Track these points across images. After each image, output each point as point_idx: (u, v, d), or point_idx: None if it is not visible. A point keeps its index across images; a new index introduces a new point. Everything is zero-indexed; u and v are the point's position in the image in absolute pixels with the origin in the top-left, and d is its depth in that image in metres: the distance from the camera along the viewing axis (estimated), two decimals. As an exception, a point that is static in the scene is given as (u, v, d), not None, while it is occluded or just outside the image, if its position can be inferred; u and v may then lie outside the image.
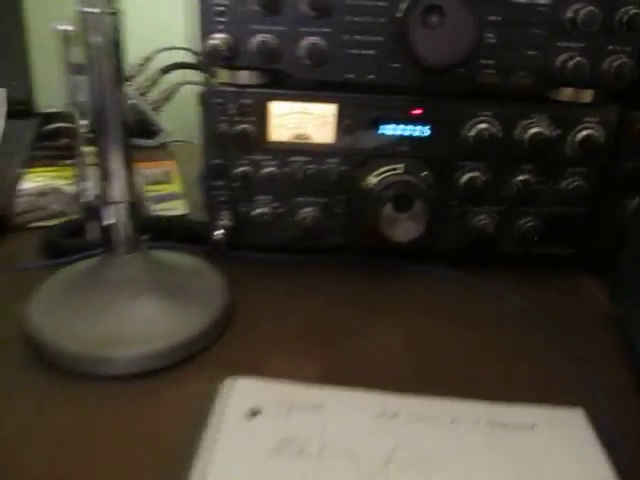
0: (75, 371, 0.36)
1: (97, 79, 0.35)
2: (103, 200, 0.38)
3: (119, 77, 0.36)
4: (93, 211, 0.39)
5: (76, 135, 0.38)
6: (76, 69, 0.35)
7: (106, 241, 0.40)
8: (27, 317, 0.39)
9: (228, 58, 0.44)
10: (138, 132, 0.80)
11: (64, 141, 0.74)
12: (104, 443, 0.32)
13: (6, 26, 0.79)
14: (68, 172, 0.69)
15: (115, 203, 0.38)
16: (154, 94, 0.82)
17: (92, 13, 0.33)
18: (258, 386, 0.35)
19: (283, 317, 0.45)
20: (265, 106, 0.46)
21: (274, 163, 0.48)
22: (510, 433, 0.32)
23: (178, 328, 0.38)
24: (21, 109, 0.74)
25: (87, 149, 0.75)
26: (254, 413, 0.32)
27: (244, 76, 0.46)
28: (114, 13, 0.34)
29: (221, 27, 0.43)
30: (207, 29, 0.43)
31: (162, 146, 0.83)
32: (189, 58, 0.76)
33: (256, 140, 0.47)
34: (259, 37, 0.43)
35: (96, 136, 0.37)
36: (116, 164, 0.38)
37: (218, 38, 0.43)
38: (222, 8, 0.43)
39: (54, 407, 0.35)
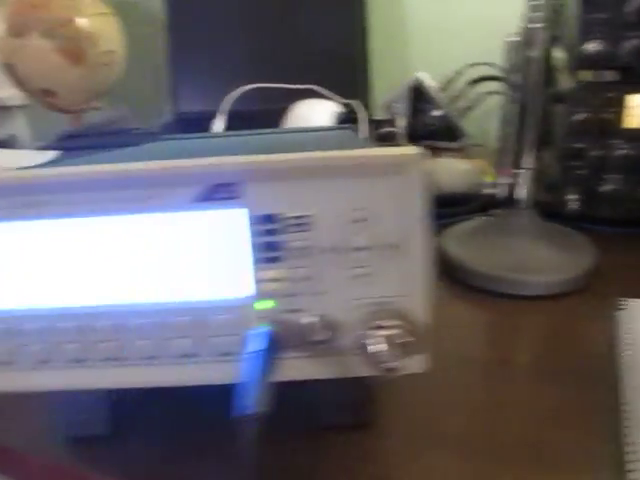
0: (489, 290, 0.49)
1: (530, 80, 0.49)
2: (516, 167, 0.51)
3: (543, 80, 0.49)
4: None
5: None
6: (515, 68, 0.48)
7: (509, 199, 0.53)
8: (445, 250, 0.53)
9: (600, 60, 0.55)
10: (445, 135, 0.95)
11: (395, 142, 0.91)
12: (524, 341, 0.44)
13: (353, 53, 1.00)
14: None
15: (525, 169, 0.51)
16: (462, 103, 0.96)
17: (535, 28, 0.46)
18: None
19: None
20: (623, 98, 0.56)
21: (627, 146, 0.57)
22: None
23: (571, 266, 0.50)
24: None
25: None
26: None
27: (604, 75, 0.57)
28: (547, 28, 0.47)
29: (598, 35, 0.54)
30: (585, 37, 0.55)
31: (463, 148, 0.96)
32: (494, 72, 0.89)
33: (612, 127, 0.57)
34: (632, 42, 0.54)
35: (519, 123, 0.50)
36: (528, 143, 0.51)
37: (595, 44, 0.54)
38: (602, 19, 0.54)
39: (473, 315, 0.48)
